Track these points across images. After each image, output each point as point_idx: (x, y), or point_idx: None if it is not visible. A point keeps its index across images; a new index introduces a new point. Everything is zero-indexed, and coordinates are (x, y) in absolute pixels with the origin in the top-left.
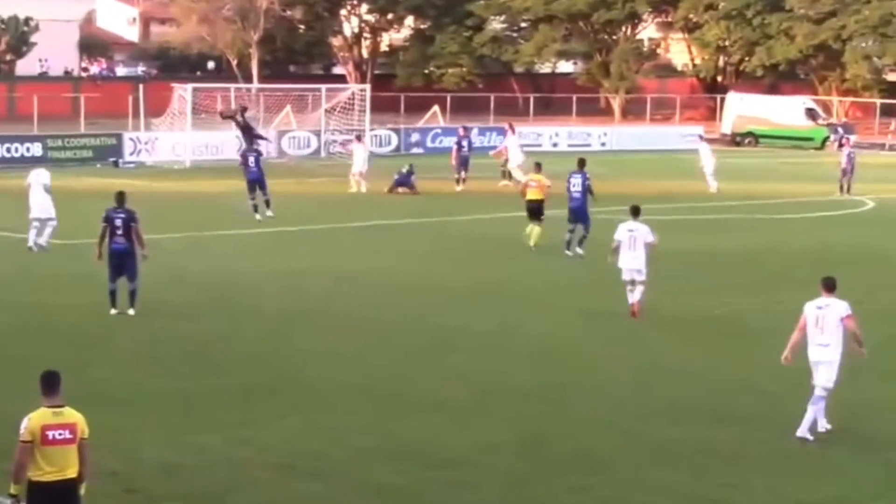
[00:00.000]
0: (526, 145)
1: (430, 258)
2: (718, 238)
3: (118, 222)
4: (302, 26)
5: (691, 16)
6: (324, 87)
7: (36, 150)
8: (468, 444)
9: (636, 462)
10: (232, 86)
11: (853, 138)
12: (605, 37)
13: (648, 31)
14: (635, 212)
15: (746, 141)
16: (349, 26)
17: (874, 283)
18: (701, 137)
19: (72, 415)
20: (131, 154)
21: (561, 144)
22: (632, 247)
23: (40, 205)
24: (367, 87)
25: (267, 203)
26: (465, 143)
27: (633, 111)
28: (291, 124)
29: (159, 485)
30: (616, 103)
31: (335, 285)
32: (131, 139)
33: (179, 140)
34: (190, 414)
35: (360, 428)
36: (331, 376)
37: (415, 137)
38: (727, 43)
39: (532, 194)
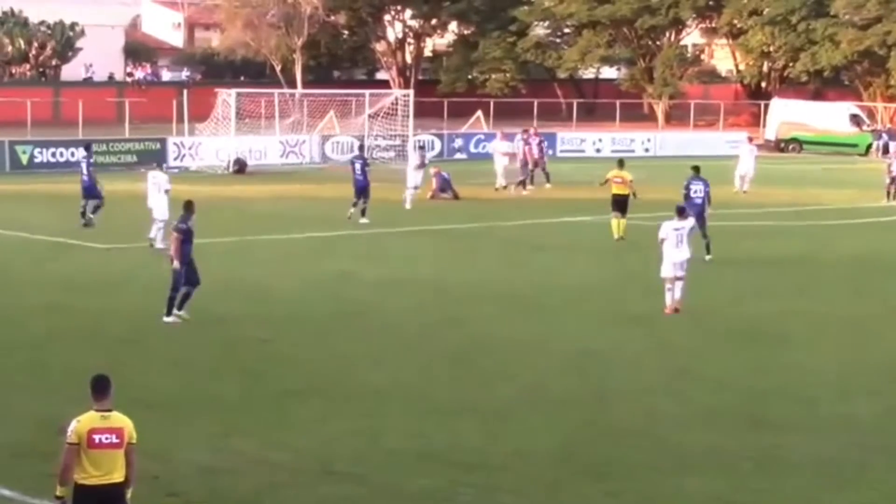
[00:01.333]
0: (569, 150)
1: (469, 263)
2: (760, 244)
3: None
4: (346, 32)
5: (735, 21)
6: (367, 92)
7: (81, 154)
8: (502, 449)
9: (671, 468)
10: (276, 91)
11: None
12: (649, 42)
13: (692, 36)
14: (681, 212)
15: (791, 147)
16: (393, 32)
17: None
18: (750, 140)
19: (120, 419)
20: (175, 159)
21: (604, 150)
22: (678, 244)
23: (153, 206)
24: (411, 92)
25: (363, 211)
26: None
27: (676, 117)
28: (335, 129)
29: (198, 488)
30: (659, 109)
31: (374, 290)
32: (175, 144)
33: (223, 145)
34: (227, 418)
35: (396, 432)
36: (368, 380)
37: (458, 143)
38: (771, 49)
39: (617, 189)
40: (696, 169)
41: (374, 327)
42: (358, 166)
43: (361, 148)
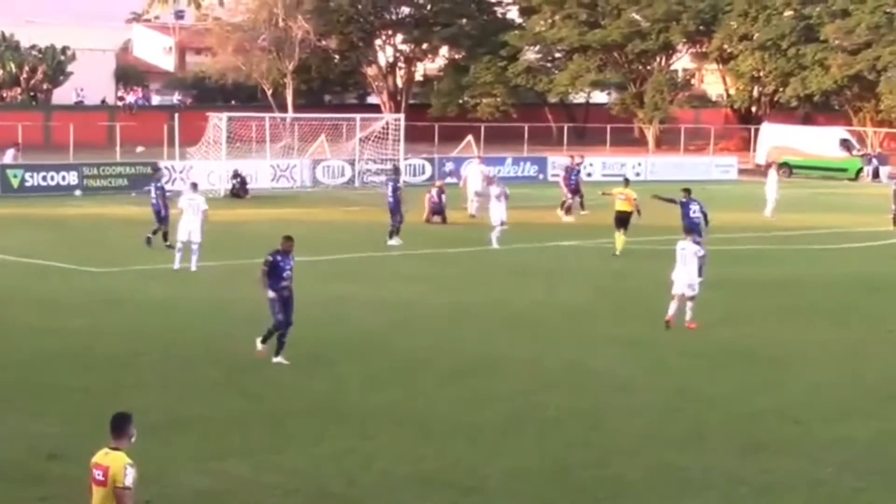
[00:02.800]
0: (560, 175)
1: (464, 286)
2: (752, 268)
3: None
4: (337, 56)
5: (726, 46)
6: (358, 116)
7: (72, 178)
8: (498, 470)
9: (665, 490)
10: (267, 115)
11: (888, 169)
12: (640, 67)
13: (683, 61)
14: (689, 231)
15: (781, 171)
16: (384, 56)
17: None
18: (777, 166)
19: (112, 458)
20: (166, 182)
21: (595, 174)
22: (683, 262)
23: (192, 229)
24: (402, 116)
25: (391, 232)
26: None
27: (667, 141)
28: (326, 153)
29: None
30: (650, 133)
31: (369, 312)
32: (166, 168)
33: (214, 169)
34: (221, 440)
35: (391, 453)
36: (363, 401)
37: (449, 167)
38: (762, 73)
39: (621, 206)
40: (688, 191)
41: (368, 349)
42: (390, 187)
43: (396, 171)
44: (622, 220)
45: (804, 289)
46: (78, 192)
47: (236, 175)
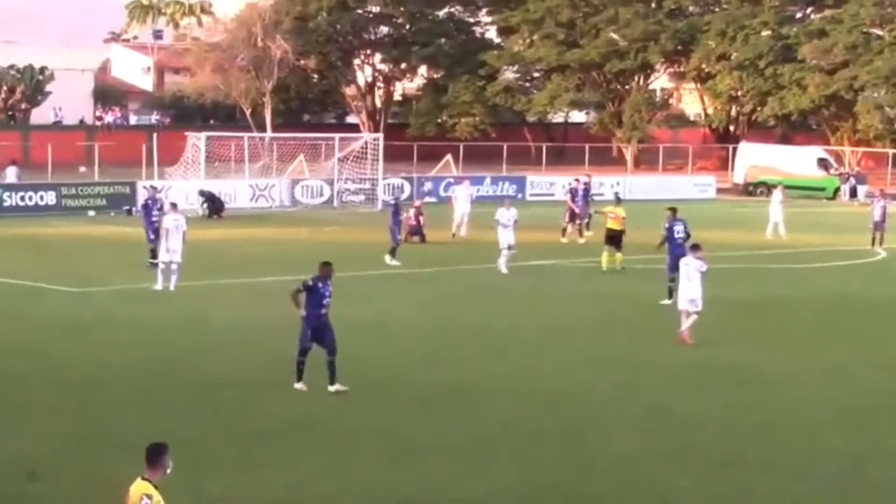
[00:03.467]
0: (539, 194)
1: (442, 305)
2: (731, 286)
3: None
4: (315, 75)
5: (704, 66)
6: (337, 136)
7: (50, 198)
8: (478, 488)
9: None
10: (246, 135)
11: (865, 188)
12: (618, 87)
13: (661, 80)
14: (694, 248)
15: (759, 191)
16: (362, 75)
17: (886, 331)
18: (783, 187)
19: (136, 486)
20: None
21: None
22: (687, 278)
23: (176, 249)
24: (381, 136)
25: (392, 251)
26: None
27: (645, 161)
28: (304, 173)
29: None
30: (629, 153)
31: (347, 331)
32: (145, 188)
33: (193, 188)
34: (197, 460)
35: (369, 473)
36: (341, 421)
37: (427, 186)
38: (739, 93)
39: (612, 224)
40: (674, 210)
41: (346, 367)
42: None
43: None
44: (613, 238)
45: (783, 308)
46: (91, 213)
47: (202, 193)
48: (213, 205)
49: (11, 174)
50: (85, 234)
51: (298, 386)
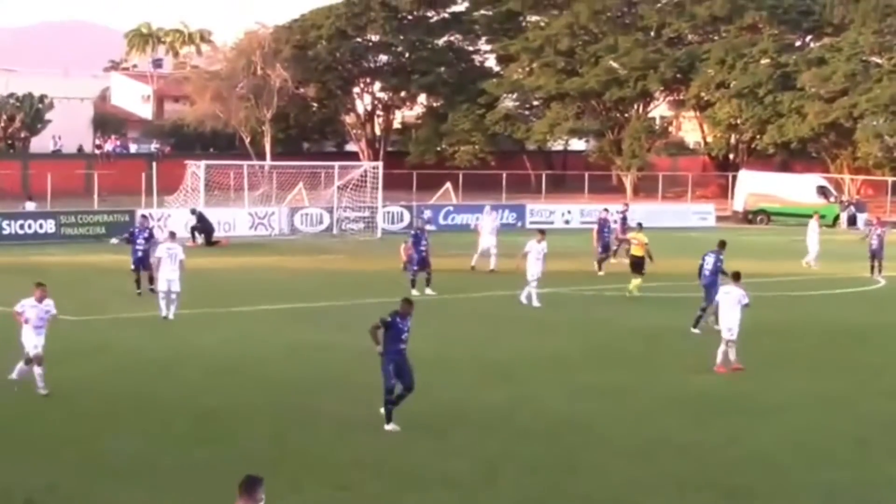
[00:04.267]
0: (538, 222)
1: (440, 334)
2: None
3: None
4: (315, 104)
5: (703, 94)
6: (336, 164)
7: (49, 226)
8: None
9: None
10: (245, 163)
11: (865, 216)
12: (617, 115)
13: (660, 109)
14: (736, 276)
15: (759, 219)
16: (362, 104)
17: (886, 360)
18: (818, 216)
19: None
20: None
21: (573, 222)
22: (726, 307)
23: (172, 278)
24: (380, 164)
25: (427, 281)
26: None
27: (644, 189)
28: (304, 201)
29: None
30: (628, 181)
31: (349, 359)
32: (144, 216)
33: (192, 217)
34: (197, 488)
35: None
36: (338, 450)
37: (427, 214)
38: (739, 121)
39: (633, 251)
40: (722, 244)
41: (347, 396)
42: (413, 239)
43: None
44: (636, 264)
45: (783, 336)
46: (114, 241)
47: (193, 212)
48: (203, 225)
49: (30, 209)
50: (84, 262)
51: (389, 427)
